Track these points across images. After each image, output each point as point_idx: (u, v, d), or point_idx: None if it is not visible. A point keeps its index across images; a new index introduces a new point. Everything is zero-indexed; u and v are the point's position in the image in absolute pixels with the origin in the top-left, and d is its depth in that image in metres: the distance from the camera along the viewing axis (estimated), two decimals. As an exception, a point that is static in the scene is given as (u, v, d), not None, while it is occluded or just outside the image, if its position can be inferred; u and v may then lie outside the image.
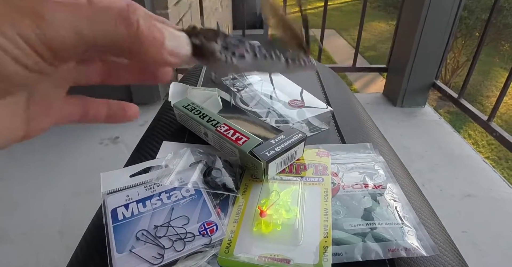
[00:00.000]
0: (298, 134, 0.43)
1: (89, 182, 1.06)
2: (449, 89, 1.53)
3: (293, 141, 0.42)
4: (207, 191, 0.39)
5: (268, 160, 0.39)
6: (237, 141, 0.42)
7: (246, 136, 0.42)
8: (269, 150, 0.40)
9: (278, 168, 0.42)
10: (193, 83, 0.71)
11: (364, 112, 0.66)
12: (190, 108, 0.49)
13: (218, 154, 0.45)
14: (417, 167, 1.23)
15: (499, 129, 1.25)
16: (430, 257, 0.35)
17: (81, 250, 0.38)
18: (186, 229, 0.35)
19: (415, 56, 1.50)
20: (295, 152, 0.43)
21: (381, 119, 1.52)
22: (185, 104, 0.50)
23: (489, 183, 1.15)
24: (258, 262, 0.32)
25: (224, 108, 0.53)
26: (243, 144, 0.41)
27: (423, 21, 1.41)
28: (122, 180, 0.41)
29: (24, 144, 1.03)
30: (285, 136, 0.42)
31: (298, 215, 0.36)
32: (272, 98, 0.58)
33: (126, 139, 1.33)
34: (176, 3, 1.54)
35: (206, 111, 0.48)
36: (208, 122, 0.46)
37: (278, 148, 0.40)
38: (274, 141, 0.41)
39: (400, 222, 0.36)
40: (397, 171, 0.48)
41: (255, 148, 0.40)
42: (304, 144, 0.43)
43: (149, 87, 1.51)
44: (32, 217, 0.99)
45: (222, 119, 0.46)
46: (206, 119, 0.46)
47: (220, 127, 0.44)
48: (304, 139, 0.43)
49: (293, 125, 0.51)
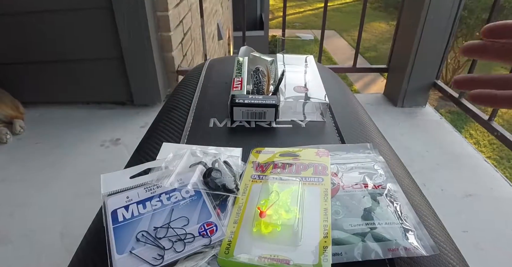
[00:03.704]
0: (273, 100, 0.56)
1: (90, 184, 1.06)
2: (450, 89, 1.53)
3: (266, 102, 0.56)
4: (207, 192, 0.40)
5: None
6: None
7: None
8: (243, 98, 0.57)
9: (245, 116, 0.57)
10: (194, 83, 0.71)
11: (364, 112, 0.66)
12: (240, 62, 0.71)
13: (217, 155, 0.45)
14: (418, 167, 1.23)
15: (500, 129, 1.25)
16: (430, 257, 0.35)
17: (81, 251, 0.38)
18: (186, 230, 0.35)
19: (416, 56, 1.50)
20: (263, 112, 0.56)
21: (381, 119, 1.51)
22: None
23: (490, 183, 1.15)
24: (258, 262, 0.32)
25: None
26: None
27: (423, 21, 1.41)
28: (122, 181, 0.41)
29: (25, 145, 1.03)
30: (263, 98, 0.57)
31: (297, 215, 0.36)
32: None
33: (127, 140, 1.33)
34: (177, 5, 1.54)
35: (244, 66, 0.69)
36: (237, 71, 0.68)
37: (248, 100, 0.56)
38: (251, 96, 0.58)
39: (400, 222, 0.36)
40: (397, 171, 0.48)
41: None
42: (275, 112, 0.56)
43: (149, 89, 1.51)
44: (33, 218, 0.99)
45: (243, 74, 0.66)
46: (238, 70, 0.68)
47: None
48: (275, 106, 0.56)
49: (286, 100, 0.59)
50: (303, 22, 10.11)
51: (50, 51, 1.45)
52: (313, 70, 0.70)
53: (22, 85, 1.52)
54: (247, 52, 0.77)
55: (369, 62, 7.03)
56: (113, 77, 1.50)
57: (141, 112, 1.52)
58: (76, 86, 1.54)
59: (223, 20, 3.62)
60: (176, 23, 1.53)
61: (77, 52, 1.45)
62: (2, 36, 1.41)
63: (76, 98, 1.58)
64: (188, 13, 1.78)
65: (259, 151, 0.48)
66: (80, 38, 1.41)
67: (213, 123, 0.57)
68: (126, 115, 1.50)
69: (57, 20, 1.38)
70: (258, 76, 0.65)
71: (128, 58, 1.44)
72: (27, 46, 1.43)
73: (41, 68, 1.49)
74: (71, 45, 1.43)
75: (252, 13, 6.35)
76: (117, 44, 1.40)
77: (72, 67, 1.50)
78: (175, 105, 0.64)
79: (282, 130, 0.56)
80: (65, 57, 1.47)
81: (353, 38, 8.10)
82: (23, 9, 1.35)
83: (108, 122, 1.45)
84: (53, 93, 1.57)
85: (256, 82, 0.64)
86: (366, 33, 8.35)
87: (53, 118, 1.48)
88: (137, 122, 1.45)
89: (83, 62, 1.49)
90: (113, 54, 1.43)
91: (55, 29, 1.39)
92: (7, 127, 1.34)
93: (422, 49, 1.47)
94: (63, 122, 1.45)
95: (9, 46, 1.43)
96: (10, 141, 1.31)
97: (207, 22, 2.47)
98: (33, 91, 1.55)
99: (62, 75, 1.51)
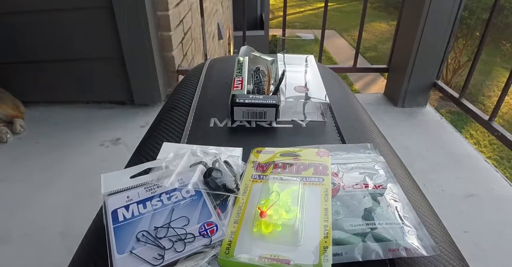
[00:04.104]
0: (273, 100, 0.57)
1: (90, 183, 1.06)
2: (450, 89, 1.53)
3: (266, 102, 0.56)
4: (207, 192, 0.39)
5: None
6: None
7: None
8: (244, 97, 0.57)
9: (245, 116, 0.57)
10: (194, 82, 0.71)
11: (364, 112, 0.66)
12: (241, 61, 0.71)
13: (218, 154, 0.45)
14: (419, 167, 1.22)
15: (500, 129, 1.25)
16: (431, 257, 0.34)
17: (82, 251, 0.38)
18: (187, 229, 0.35)
19: (416, 56, 1.49)
20: (263, 112, 0.57)
21: (382, 119, 1.51)
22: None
23: (491, 183, 1.15)
24: (259, 262, 0.32)
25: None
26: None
27: (424, 21, 1.41)
28: (122, 181, 0.41)
29: (25, 145, 1.03)
30: (264, 98, 0.57)
31: (298, 215, 0.36)
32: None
33: (127, 140, 1.33)
34: (177, 4, 1.54)
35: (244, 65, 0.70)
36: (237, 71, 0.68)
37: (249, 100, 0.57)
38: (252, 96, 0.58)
39: (401, 222, 0.36)
40: (398, 171, 0.48)
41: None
42: (276, 111, 0.56)
43: (149, 88, 1.51)
44: (33, 218, 0.99)
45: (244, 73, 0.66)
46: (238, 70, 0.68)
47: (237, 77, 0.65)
48: (275, 106, 0.56)
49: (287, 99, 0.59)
50: (304, 22, 10.11)
51: (50, 51, 1.45)
52: (314, 70, 0.70)
53: (22, 84, 1.52)
54: (248, 52, 0.77)
55: (369, 62, 7.03)
56: (113, 77, 1.50)
57: (141, 112, 1.52)
58: (76, 86, 1.54)
59: (223, 19, 3.62)
60: (176, 22, 1.53)
61: (77, 51, 1.45)
62: (2, 35, 1.41)
63: (76, 98, 1.58)
64: (189, 13, 1.77)
65: (259, 150, 0.48)
66: (80, 38, 1.41)
67: (214, 123, 0.57)
68: (126, 115, 1.50)
69: (57, 20, 1.37)
70: (259, 76, 0.65)
71: (128, 58, 1.44)
72: (27, 45, 1.43)
73: (41, 68, 1.49)
74: (71, 44, 1.43)
75: (253, 12, 6.36)
76: (117, 43, 1.40)
77: (72, 67, 1.50)
78: (176, 105, 0.64)
79: (283, 130, 0.56)
80: (65, 56, 1.47)
81: (353, 38, 8.10)
82: (23, 8, 1.35)
83: (108, 122, 1.45)
84: (53, 93, 1.57)
85: (256, 82, 0.64)
86: (366, 33, 8.36)
87: (53, 118, 1.48)
88: (137, 122, 1.45)
89: (83, 61, 1.49)
90: (113, 54, 1.43)
91: (55, 29, 1.39)
92: (7, 127, 1.34)
93: (422, 49, 1.47)
94: (63, 122, 1.45)
95: (9, 45, 1.43)
96: (11, 140, 1.31)
97: (208, 21, 2.47)
98: (33, 91, 1.55)
99: (62, 74, 1.51)
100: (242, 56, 0.74)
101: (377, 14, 10.04)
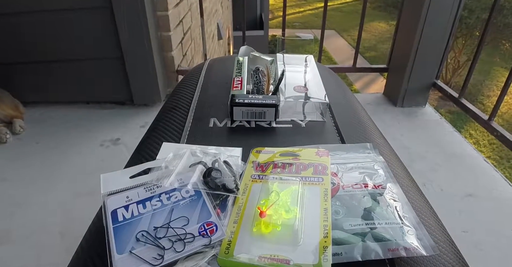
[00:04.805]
0: (273, 100, 0.57)
1: (90, 183, 1.06)
2: (450, 89, 1.53)
3: (266, 102, 0.56)
4: (207, 192, 0.40)
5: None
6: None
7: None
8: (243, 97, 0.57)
9: (245, 116, 0.57)
10: (193, 82, 0.71)
11: (364, 112, 0.66)
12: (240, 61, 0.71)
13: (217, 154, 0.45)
14: (418, 167, 1.23)
15: (500, 129, 1.25)
16: (430, 257, 0.35)
17: (81, 251, 0.38)
18: (186, 229, 0.35)
19: (416, 56, 1.50)
20: (263, 112, 0.57)
21: (381, 119, 1.51)
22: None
23: (490, 183, 1.15)
24: (258, 262, 0.32)
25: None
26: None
27: (423, 21, 1.41)
28: (122, 181, 0.41)
29: (25, 145, 1.03)
30: (263, 98, 0.57)
31: (297, 215, 0.36)
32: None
33: (127, 140, 1.33)
34: (177, 4, 1.54)
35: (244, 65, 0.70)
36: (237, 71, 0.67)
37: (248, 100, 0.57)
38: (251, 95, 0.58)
39: (400, 222, 0.36)
40: (397, 170, 0.48)
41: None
42: (275, 111, 0.56)
43: (149, 89, 1.51)
44: (33, 218, 0.99)
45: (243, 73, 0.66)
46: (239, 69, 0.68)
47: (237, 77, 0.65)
48: (275, 106, 0.56)
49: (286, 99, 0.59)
50: (303, 22, 10.11)
51: (50, 51, 1.45)
52: (313, 70, 0.70)
53: (22, 85, 1.52)
54: (247, 52, 0.77)
55: (369, 62, 7.03)
56: (113, 77, 1.50)
57: (141, 112, 1.52)
58: (76, 86, 1.54)
59: (223, 19, 3.62)
60: (176, 22, 1.53)
61: (77, 52, 1.45)
62: (2, 36, 1.40)
63: (76, 98, 1.58)
64: (188, 13, 1.77)
65: (259, 150, 0.48)
66: (80, 38, 1.41)
67: (213, 123, 0.57)
68: (126, 115, 1.50)
69: (57, 20, 1.37)
70: (258, 76, 0.65)
71: (128, 58, 1.44)
72: (27, 46, 1.43)
73: (41, 68, 1.49)
74: (71, 45, 1.43)
75: (252, 12, 6.36)
76: (117, 44, 1.40)
77: (72, 67, 1.50)
78: (175, 105, 0.64)
79: (282, 130, 0.56)
80: (65, 57, 1.47)
81: (353, 38, 8.10)
82: (23, 8, 1.35)
83: (108, 122, 1.45)
84: (53, 93, 1.57)
85: (256, 82, 0.64)
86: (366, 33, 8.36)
87: (53, 118, 1.48)
88: (137, 122, 1.45)
89: (83, 62, 1.49)
90: (113, 54, 1.43)
91: (55, 29, 1.39)
92: (7, 127, 1.34)
93: (422, 49, 1.47)
94: (63, 122, 1.45)
95: (9, 46, 1.43)
96: (10, 141, 1.31)
97: (207, 21, 2.47)
98: (33, 91, 1.54)
99: (62, 75, 1.51)
100: (242, 56, 0.74)
101: (377, 14, 10.05)
